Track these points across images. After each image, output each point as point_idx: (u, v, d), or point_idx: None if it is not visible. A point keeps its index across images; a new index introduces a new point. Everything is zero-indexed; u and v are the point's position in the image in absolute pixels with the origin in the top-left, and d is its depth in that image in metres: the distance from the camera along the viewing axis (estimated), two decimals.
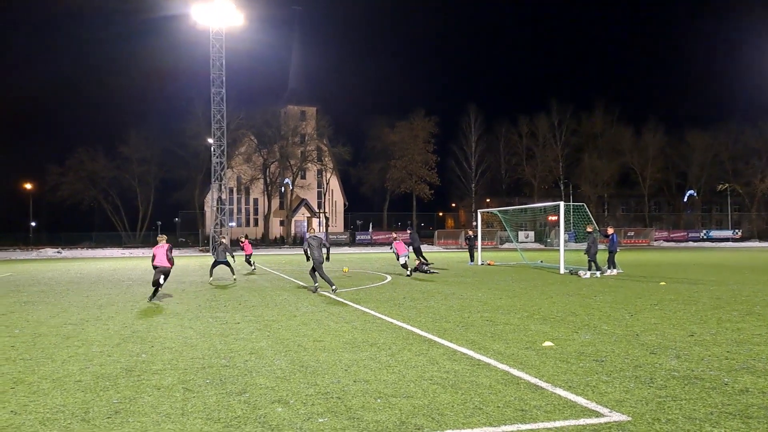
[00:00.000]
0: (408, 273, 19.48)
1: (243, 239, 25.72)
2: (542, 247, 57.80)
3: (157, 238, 13.97)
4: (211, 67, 48.97)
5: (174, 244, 65.72)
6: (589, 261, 19.30)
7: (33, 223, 73.10)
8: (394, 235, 22.20)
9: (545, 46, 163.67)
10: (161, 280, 12.77)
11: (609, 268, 20.03)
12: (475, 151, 74.12)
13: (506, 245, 56.69)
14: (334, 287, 14.49)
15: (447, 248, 57.10)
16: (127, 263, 32.05)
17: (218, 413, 4.94)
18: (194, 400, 5.32)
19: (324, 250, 14.70)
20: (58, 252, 50.74)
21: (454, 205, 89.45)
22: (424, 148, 70.87)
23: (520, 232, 60.71)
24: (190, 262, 33.39)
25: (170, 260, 12.99)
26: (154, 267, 12.89)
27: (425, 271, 20.44)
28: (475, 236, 28.95)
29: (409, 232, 24.94)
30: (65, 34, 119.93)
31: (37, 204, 73.14)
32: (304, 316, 10.45)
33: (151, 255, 13.18)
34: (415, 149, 69.84)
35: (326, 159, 72.09)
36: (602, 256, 20.11)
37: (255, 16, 53.87)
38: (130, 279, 19.66)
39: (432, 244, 61.69)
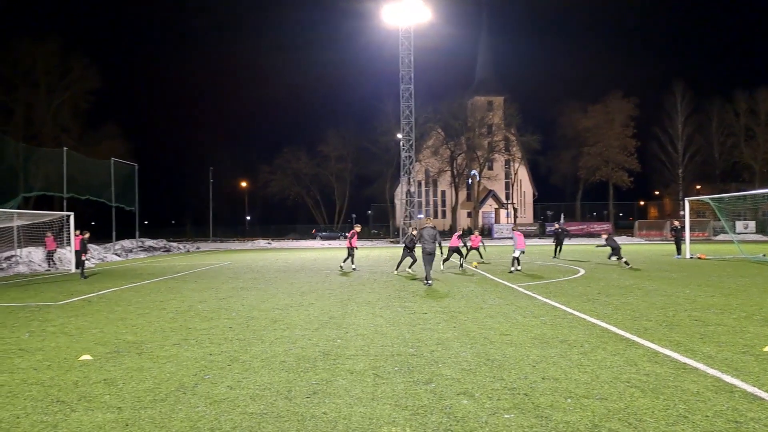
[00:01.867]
0: (512, 269, 18.18)
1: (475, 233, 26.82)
2: (765, 239, 50.05)
3: (356, 226, 20.13)
4: (400, 64, 50.86)
5: (366, 235, 69.88)
6: None
7: (248, 217, 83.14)
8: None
9: (762, 6, 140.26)
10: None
11: None
12: (682, 133, 66.39)
13: (720, 237, 50.18)
14: (429, 282, 14.52)
15: (650, 240, 52.28)
16: (326, 254, 34.80)
17: (406, 401, 5.08)
18: (384, 386, 5.54)
19: (435, 244, 14.54)
20: (268, 243, 57.00)
21: (657, 193, 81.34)
22: (622, 133, 65.56)
23: (737, 222, 53.19)
24: (382, 253, 35.13)
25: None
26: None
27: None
28: (682, 227, 26.08)
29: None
30: (267, 46, 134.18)
31: (251, 200, 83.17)
32: (491, 309, 10.33)
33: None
34: (612, 134, 65.00)
35: (514, 149, 70.52)
36: None
37: (441, 9, 54.66)
38: (328, 268, 21.30)
39: (632, 235, 56.99)
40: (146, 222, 38.76)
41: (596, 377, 5.74)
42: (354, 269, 19.96)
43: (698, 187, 69.48)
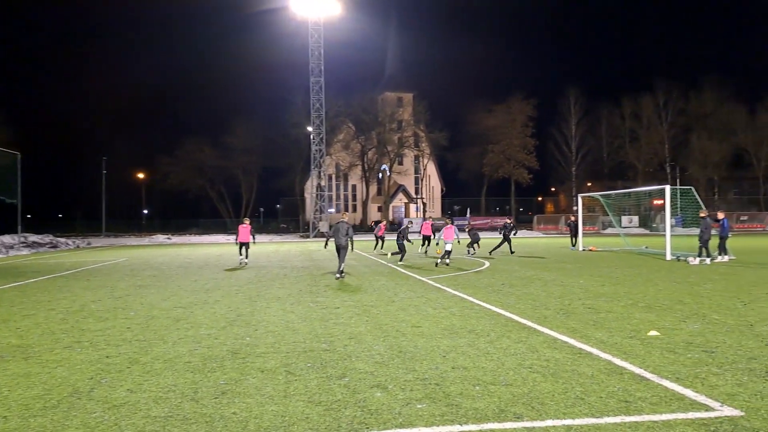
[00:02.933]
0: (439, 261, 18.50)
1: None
2: (647, 232, 54.58)
3: (244, 219, 20.37)
4: (310, 56, 50.34)
5: (275, 230, 68.54)
6: (699, 247, 18.09)
7: (145, 211, 78.98)
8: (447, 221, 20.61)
9: (648, 22, 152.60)
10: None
11: (720, 254, 18.81)
12: (575, 134, 71.28)
13: (609, 230, 54.05)
14: (339, 276, 14.61)
15: (547, 234, 55.31)
16: (232, 249, 33.76)
17: (319, 396, 5.02)
18: (296, 383, 5.44)
19: (347, 238, 14.63)
20: (168, 238, 54.02)
21: (553, 189, 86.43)
22: (523, 132, 69.21)
23: (623, 217, 57.59)
24: (291, 247, 34.67)
25: (252, 236, 19.64)
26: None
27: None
28: (576, 221, 27.88)
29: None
30: (174, 33, 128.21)
31: (149, 193, 79.01)
32: (402, 302, 10.47)
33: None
34: (513, 133, 68.37)
35: (423, 145, 72.09)
36: (713, 242, 18.80)
37: (352, 4, 54.52)
38: (233, 264, 20.68)
39: (531, 229, 59.98)
40: (29, 216, 35.62)
41: (502, 364, 5.96)
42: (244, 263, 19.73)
43: (589, 184, 74.52)
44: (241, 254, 20.14)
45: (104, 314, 9.66)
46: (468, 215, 65.25)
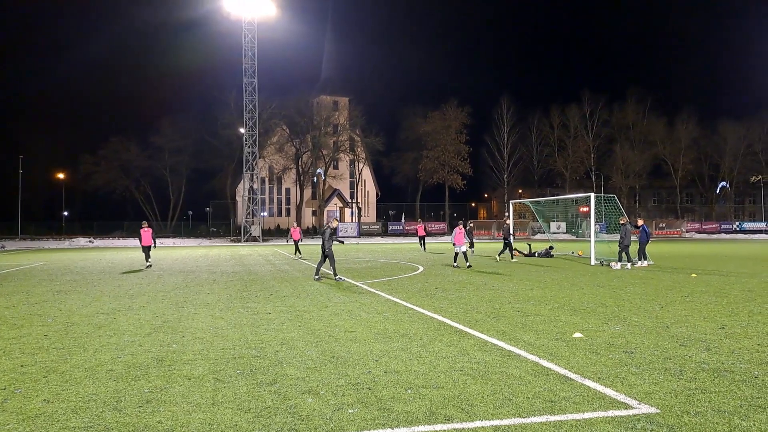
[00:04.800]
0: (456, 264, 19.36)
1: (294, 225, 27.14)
2: (574, 238, 56.97)
3: (143, 223, 21.19)
4: (243, 57, 49.47)
5: (205, 233, 66.49)
6: (619, 252, 19.04)
7: (65, 213, 74.90)
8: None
9: (577, 35, 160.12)
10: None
11: (640, 259, 19.83)
12: (507, 141, 73.38)
13: (538, 236, 55.99)
14: (337, 278, 15.34)
15: (479, 239, 56.63)
16: (157, 253, 32.57)
17: (249, 403, 4.92)
18: (225, 390, 5.31)
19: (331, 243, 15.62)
20: (90, 241, 51.48)
21: (486, 195, 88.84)
22: (457, 139, 70.47)
23: (552, 223, 59.89)
24: (222, 251, 33.85)
25: (153, 240, 20.37)
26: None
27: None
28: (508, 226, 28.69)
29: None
30: (99, 23, 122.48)
31: (70, 194, 74.97)
32: (336, 307, 10.43)
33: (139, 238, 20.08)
34: (448, 139, 69.50)
35: (359, 149, 72.14)
36: (633, 248, 19.84)
37: (287, 5, 54.04)
38: (161, 269, 19.98)
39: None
40: None
41: (434, 367, 6.05)
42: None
43: (520, 191, 77.15)
44: (147, 259, 20.40)
45: (18, 321, 9.08)
46: (402, 220, 66.02)
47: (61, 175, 72.14)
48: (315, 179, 71.29)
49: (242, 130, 52.73)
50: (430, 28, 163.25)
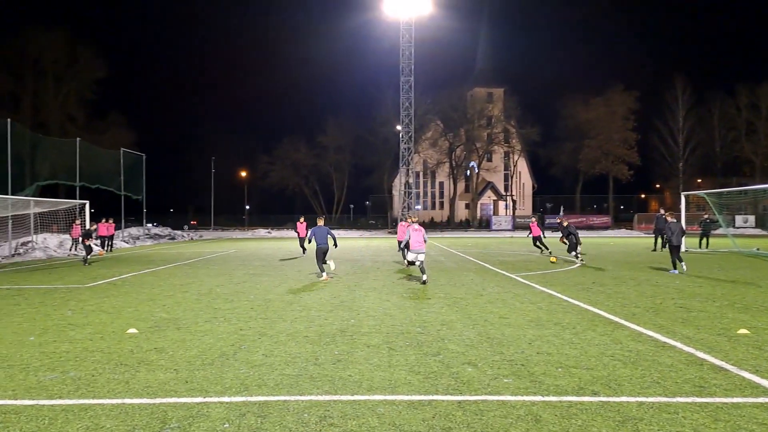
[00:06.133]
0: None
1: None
2: (764, 233, 50.82)
3: (300, 218, 22.98)
4: (401, 56, 51.44)
5: (365, 226, 70.13)
6: None
7: (247, 207, 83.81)
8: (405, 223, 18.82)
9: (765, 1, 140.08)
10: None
11: None
12: (683, 126, 66.46)
13: (719, 231, 50.94)
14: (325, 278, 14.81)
15: (648, 233, 53.07)
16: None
17: (418, 368, 5.88)
18: (397, 356, 6.34)
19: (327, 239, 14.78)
20: (268, 232, 57.74)
21: (658, 186, 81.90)
22: (623, 126, 65.95)
23: (737, 217, 53.82)
24: (381, 243, 35.93)
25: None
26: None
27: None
28: (711, 220, 26.68)
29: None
30: (270, 38, 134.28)
31: (250, 189, 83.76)
32: (491, 296, 11.10)
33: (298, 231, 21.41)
34: (612, 127, 65.39)
35: (514, 141, 71.09)
36: None
37: (442, 1, 54.78)
38: (330, 257, 21.97)
39: (631, 228, 57.74)
40: (145, 210, 39.49)
41: (584, 352, 6.53)
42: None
43: (699, 180, 69.93)
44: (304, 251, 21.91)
45: (229, 297, 11.11)
46: (561, 213, 63.91)
47: (243, 174, 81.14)
48: (468, 172, 71.78)
49: (398, 127, 54.98)
50: (590, 8, 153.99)
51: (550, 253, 21.57)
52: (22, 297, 11.36)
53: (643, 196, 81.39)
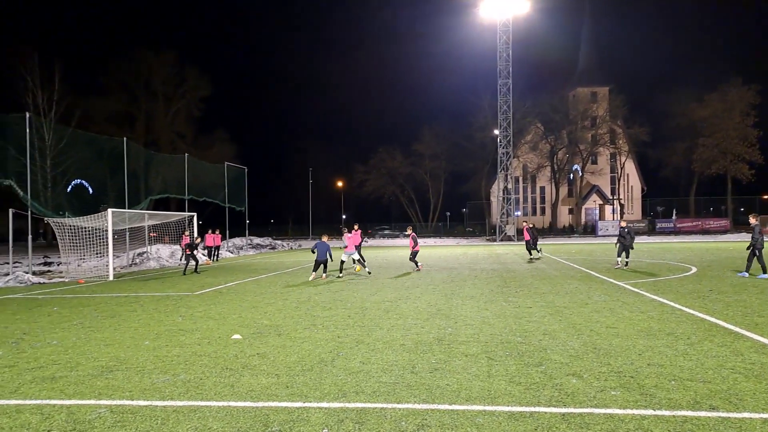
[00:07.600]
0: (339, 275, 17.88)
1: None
2: None
3: (355, 225, 21.51)
4: (498, 59, 50.56)
5: (462, 233, 69.80)
6: None
7: (344, 216, 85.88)
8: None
9: None
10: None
11: None
12: None
13: None
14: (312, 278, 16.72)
15: None
16: (422, 252, 35.49)
17: (519, 378, 5.69)
18: (497, 366, 6.17)
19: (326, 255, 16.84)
20: (365, 241, 58.64)
21: None
22: (742, 122, 60.83)
23: None
24: (479, 250, 35.38)
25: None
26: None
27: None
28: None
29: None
30: (366, 47, 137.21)
31: (347, 199, 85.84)
32: (596, 305, 10.57)
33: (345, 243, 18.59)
34: (730, 124, 60.50)
35: (620, 141, 67.62)
36: None
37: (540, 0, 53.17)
38: (427, 265, 22.02)
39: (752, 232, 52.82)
40: (248, 221, 41.55)
41: (701, 364, 6.03)
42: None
43: None
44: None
45: (327, 305, 11.37)
46: (674, 217, 59.79)
47: (339, 183, 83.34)
48: (571, 176, 69.10)
49: (496, 132, 54.02)
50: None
51: (539, 259, 22.29)
52: (138, 304, 12.33)
53: (766, 197, 74.30)
